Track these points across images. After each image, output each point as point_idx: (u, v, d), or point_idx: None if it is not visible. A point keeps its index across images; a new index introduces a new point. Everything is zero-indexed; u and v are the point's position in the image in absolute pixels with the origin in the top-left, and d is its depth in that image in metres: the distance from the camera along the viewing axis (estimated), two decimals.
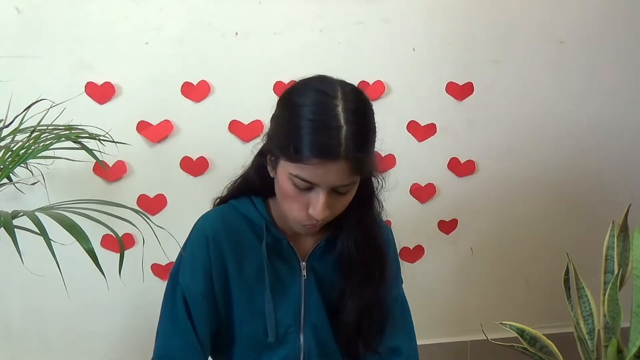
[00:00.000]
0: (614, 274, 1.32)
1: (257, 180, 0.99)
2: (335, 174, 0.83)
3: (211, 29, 1.56)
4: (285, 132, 0.85)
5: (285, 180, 0.86)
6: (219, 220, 1.00)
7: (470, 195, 1.81)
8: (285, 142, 0.84)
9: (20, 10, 1.47)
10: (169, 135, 1.57)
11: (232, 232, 0.99)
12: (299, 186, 0.85)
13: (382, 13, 1.64)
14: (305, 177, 0.83)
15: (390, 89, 1.68)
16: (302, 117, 0.83)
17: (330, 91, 0.85)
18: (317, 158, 0.81)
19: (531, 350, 1.32)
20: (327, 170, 0.82)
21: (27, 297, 1.59)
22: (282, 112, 0.89)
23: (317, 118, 0.82)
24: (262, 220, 0.99)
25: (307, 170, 0.82)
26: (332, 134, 0.81)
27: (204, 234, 0.99)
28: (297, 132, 0.82)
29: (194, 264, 0.98)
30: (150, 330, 1.69)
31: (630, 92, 1.86)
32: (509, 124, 1.79)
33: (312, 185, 0.85)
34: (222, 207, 1.04)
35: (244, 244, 0.99)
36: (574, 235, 1.85)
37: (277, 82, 1.59)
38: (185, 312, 0.98)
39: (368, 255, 0.99)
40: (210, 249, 0.97)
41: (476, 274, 1.85)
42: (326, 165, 0.81)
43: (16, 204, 1.40)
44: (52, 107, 1.25)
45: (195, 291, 0.98)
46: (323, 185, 0.84)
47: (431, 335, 1.80)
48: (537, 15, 1.75)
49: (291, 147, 0.82)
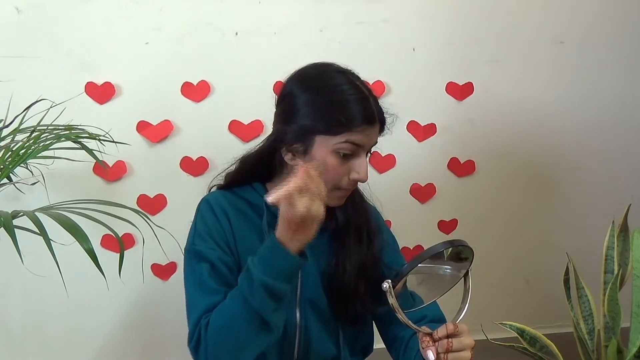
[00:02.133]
0: (614, 274, 1.32)
1: (258, 166, 1.05)
2: (374, 136, 0.99)
3: (211, 29, 1.56)
4: (328, 110, 0.96)
5: (326, 154, 0.96)
6: (221, 197, 1.05)
7: (470, 195, 1.81)
8: (331, 117, 0.95)
9: (20, 10, 1.47)
10: (169, 135, 1.57)
11: (235, 208, 1.03)
12: (346, 152, 0.96)
13: (382, 13, 1.65)
14: (354, 140, 0.95)
15: (390, 89, 1.68)
16: (345, 93, 0.96)
17: (346, 71, 1.01)
18: (365, 124, 0.95)
19: (531, 350, 1.32)
20: (370, 133, 0.97)
21: (27, 297, 1.59)
22: (315, 94, 0.98)
23: (355, 92, 0.96)
24: (262, 201, 1.02)
25: (356, 135, 0.95)
26: (369, 103, 0.97)
27: (210, 206, 1.03)
28: (345, 105, 0.95)
29: (208, 231, 1.00)
30: (151, 330, 1.70)
31: (630, 92, 1.86)
32: (509, 124, 1.79)
33: (356, 150, 0.96)
34: (222, 191, 1.07)
35: (246, 220, 1.03)
36: (574, 235, 1.85)
37: (277, 82, 1.58)
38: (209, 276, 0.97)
39: (358, 218, 1.08)
40: (219, 216, 1.02)
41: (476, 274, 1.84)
42: (370, 129, 0.96)
43: (16, 204, 1.40)
44: (52, 107, 1.25)
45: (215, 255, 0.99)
46: (366, 147, 0.98)
47: None
48: (537, 15, 1.75)
49: (341, 119, 0.94)
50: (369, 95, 0.98)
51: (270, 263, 0.89)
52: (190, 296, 0.99)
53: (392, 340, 1.10)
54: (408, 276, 0.94)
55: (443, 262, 0.96)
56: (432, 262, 0.95)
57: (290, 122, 0.98)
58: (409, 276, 0.94)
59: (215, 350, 0.91)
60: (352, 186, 1.00)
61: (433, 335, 0.90)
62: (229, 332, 0.90)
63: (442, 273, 0.98)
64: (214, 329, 0.91)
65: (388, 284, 0.88)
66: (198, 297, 0.97)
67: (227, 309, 0.91)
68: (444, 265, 0.97)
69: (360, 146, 0.97)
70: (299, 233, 0.87)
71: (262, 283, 0.87)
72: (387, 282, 0.88)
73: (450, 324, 0.89)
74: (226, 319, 0.90)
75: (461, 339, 0.89)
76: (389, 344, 1.11)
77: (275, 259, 0.89)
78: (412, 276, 0.95)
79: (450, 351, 0.87)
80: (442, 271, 0.97)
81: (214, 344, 0.91)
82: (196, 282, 0.98)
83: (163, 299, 1.64)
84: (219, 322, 0.91)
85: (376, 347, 1.13)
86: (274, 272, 0.88)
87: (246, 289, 0.88)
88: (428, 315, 1.06)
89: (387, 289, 0.88)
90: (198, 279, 0.98)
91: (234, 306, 0.90)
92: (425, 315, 1.06)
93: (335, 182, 0.97)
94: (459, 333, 0.89)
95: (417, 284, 1.02)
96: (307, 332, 1.04)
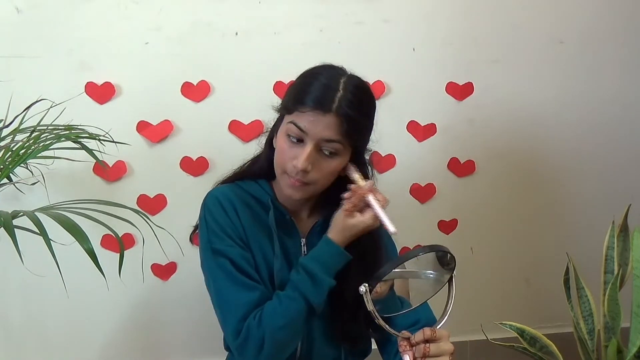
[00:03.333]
0: (614, 274, 1.32)
1: (265, 163, 1.08)
2: (323, 127, 0.95)
3: (211, 29, 1.56)
4: (293, 91, 1.00)
5: (281, 135, 0.99)
6: (228, 190, 1.07)
7: (470, 195, 1.81)
8: (290, 97, 0.99)
9: (20, 10, 1.47)
10: (169, 135, 1.57)
11: (242, 201, 1.05)
12: (292, 135, 0.97)
13: (382, 13, 1.65)
14: (298, 123, 0.96)
15: (390, 89, 1.68)
16: (314, 77, 0.99)
17: (340, 70, 1.01)
18: (313, 106, 0.95)
19: (531, 350, 1.32)
20: (317, 120, 0.95)
21: (27, 297, 1.59)
22: (295, 81, 1.02)
23: (325, 81, 0.97)
24: (267, 197, 1.06)
25: (302, 118, 0.95)
26: (331, 93, 0.96)
27: (217, 200, 1.04)
28: (302, 88, 0.98)
29: (221, 228, 1.02)
30: (151, 330, 1.70)
31: (630, 92, 1.86)
32: (509, 124, 1.79)
33: (302, 136, 0.97)
34: (228, 185, 1.09)
35: (254, 215, 1.05)
36: (574, 235, 1.85)
37: (277, 82, 1.59)
38: (237, 271, 1.00)
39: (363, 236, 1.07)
40: (228, 210, 1.03)
41: (476, 274, 1.85)
42: (318, 115, 0.95)
43: (16, 204, 1.40)
44: (52, 107, 1.25)
45: (234, 252, 1.01)
46: (311, 135, 0.96)
47: None
48: (537, 15, 1.75)
49: (293, 98, 0.97)
50: (341, 90, 0.96)
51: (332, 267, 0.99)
52: (224, 293, 1.00)
53: (384, 343, 1.11)
54: (394, 280, 0.94)
55: (429, 267, 0.95)
56: (417, 267, 0.94)
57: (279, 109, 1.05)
58: (395, 280, 0.94)
59: (274, 347, 0.96)
60: (294, 174, 0.98)
61: (410, 340, 0.89)
62: (290, 331, 0.97)
63: (427, 278, 0.96)
64: (274, 329, 0.96)
65: (365, 287, 0.87)
66: (235, 293, 0.99)
67: (287, 309, 0.97)
68: (428, 270, 0.96)
69: (304, 132, 0.96)
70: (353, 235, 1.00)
71: (330, 285, 0.98)
72: (364, 285, 0.87)
73: (428, 329, 0.89)
74: (287, 319, 0.96)
75: (440, 345, 0.88)
76: (381, 347, 1.12)
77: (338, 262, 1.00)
78: (400, 280, 0.96)
79: (428, 356, 0.87)
80: (427, 276, 0.96)
81: (273, 342, 0.96)
82: (226, 279, 0.99)
83: (163, 299, 1.64)
84: (280, 322, 0.96)
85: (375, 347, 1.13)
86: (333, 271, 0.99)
87: (310, 291, 0.97)
88: (421, 320, 1.06)
89: (364, 292, 0.87)
90: (227, 275, 1.00)
91: (294, 306, 0.97)
92: (419, 319, 1.06)
93: (281, 165, 1.00)
94: (438, 338, 0.89)
95: (406, 288, 1.02)
96: (310, 333, 1.04)
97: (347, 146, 0.98)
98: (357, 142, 1.00)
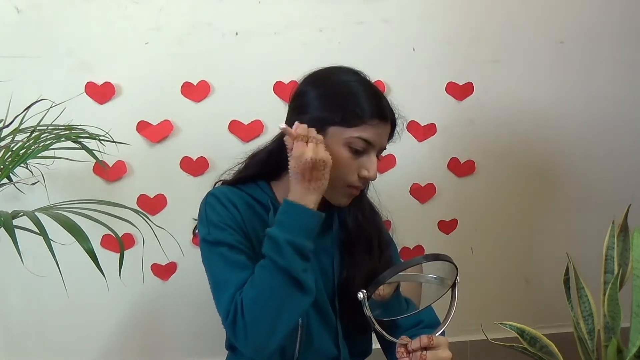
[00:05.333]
0: (614, 274, 1.32)
1: (265, 164, 1.06)
2: (385, 136, 1.00)
3: (211, 29, 1.56)
4: (340, 101, 0.97)
5: (338, 147, 0.97)
6: (228, 191, 1.05)
7: (470, 195, 1.81)
8: (343, 109, 0.96)
9: (20, 10, 1.47)
10: (169, 135, 1.57)
11: (243, 202, 1.04)
12: (357, 148, 0.97)
13: (382, 13, 1.65)
14: (366, 137, 0.96)
15: (390, 89, 1.68)
16: (356, 87, 0.98)
17: (356, 71, 1.03)
18: (377, 119, 0.96)
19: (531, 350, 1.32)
20: (382, 130, 0.98)
21: (27, 297, 1.59)
22: (326, 88, 1.00)
23: (367, 88, 0.99)
24: (267, 198, 1.05)
25: (369, 130, 0.96)
26: (382, 100, 0.99)
27: (217, 199, 1.02)
28: (357, 98, 0.97)
29: (221, 220, 1.00)
30: (150, 330, 1.70)
31: (630, 92, 1.86)
32: (509, 124, 1.79)
33: (367, 148, 0.97)
34: (227, 186, 1.08)
35: (254, 214, 1.03)
36: (574, 235, 1.85)
37: (277, 82, 1.59)
38: (232, 254, 0.97)
39: (368, 228, 1.07)
40: (228, 207, 1.02)
41: (476, 274, 1.85)
42: (382, 125, 0.97)
43: (16, 204, 1.40)
44: (52, 107, 1.25)
45: (233, 239, 0.98)
46: (377, 146, 0.99)
47: None
48: (537, 15, 1.75)
49: (354, 111, 0.95)
50: (381, 94, 1.00)
51: (290, 222, 0.92)
52: (218, 276, 0.98)
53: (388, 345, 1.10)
54: (400, 282, 0.94)
55: (431, 271, 0.95)
56: (420, 271, 0.94)
57: (302, 114, 0.99)
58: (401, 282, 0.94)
59: (253, 323, 0.90)
60: (361, 184, 1.00)
61: (407, 347, 0.89)
62: (264, 302, 0.90)
63: (430, 282, 0.97)
64: (249, 302, 0.90)
65: (363, 294, 0.87)
66: (227, 274, 0.96)
67: (258, 278, 0.92)
68: (431, 274, 0.96)
69: (371, 144, 0.97)
70: (314, 181, 0.92)
71: (287, 241, 0.90)
72: (362, 292, 0.87)
73: (425, 336, 0.89)
74: (258, 289, 0.91)
75: (437, 352, 0.88)
76: (385, 348, 1.11)
77: (294, 216, 0.92)
78: (411, 284, 0.96)
79: None
80: (429, 280, 0.97)
81: (251, 317, 0.90)
82: (221, 262, 0.97)
83: (163, 299, 1.64)
84: (252, 294, 0.91)
85: (375, 347, 1.13)
86: (296, 230, 0.91)
87: (273, 253, 0.90)
88: (424, 321, 1.06)
89: (362, 299, 0.87)
90: (222, 259, 0.97)
91: (263, 273, 0.91)
92: (422, 320, 1.06)
93: (344, 177, 0.98)
94: (436, 346, 0.88)
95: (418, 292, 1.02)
96: (308, 331, 1.04)
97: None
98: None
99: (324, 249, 1.05)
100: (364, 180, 1.00)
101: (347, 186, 1.00)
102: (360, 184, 1.00)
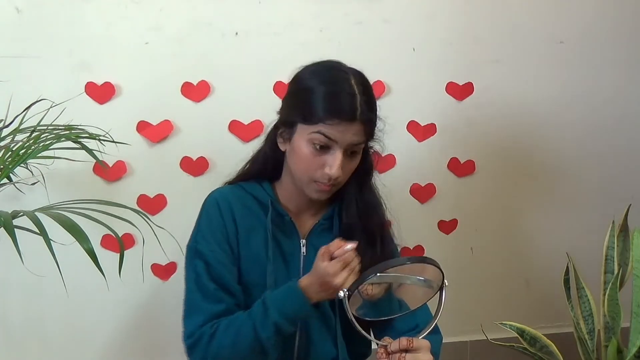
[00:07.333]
0: (614, 274, 1.32)
1: (266, 165, 1.09)
2: (352, 134, 0.98)
3: (211, 29, 1.56)
4: (306, 98, 0.99)
5: (303, 143, 0.99)
6: (228, 192, 1.09)
7: (470, 195, 1.81)
8: (306, 106, 0.98)
9: (20, 10, 1.46)
10: (169, 135, 1.57)
11: (242, 204, 1.07)
12: (319, 144, 0.97)
13: (382, 13, 1.64)
14: (327, 133, 0.96)
15: (390, 89, 1.68)
16: (322, 84, 0.99)
17: (342, 67, 1.03)
18: (336, 118, 0.96)
19: (531, 350, 1.32)
20: (345, 129, 0.96)
21: (27, 297, 1.59)
22: (298, 85, 1.04)
23: (341, 87, 0.98)
24: (268, 198, 1.07)
25: (328, 129, 0.96)
26: (352, 100, 0.97)
27: (215, 201, 1.07)
28: (318, 96, 0.97)
29: (211, 229, 1.04)
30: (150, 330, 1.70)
31: (630, 92, 1.86)
32: (509, 124, 1.79)
33: (329, 144, 0.97)
34: (230, 186, 1.11)
35: (252, 216, 1.06)
36: (574, 235, 1.85)
37: (277, 82, 1.59)
38: (207, 277, 1.02)
39: (369, 220, 1.08)
40: (223, 212, 1.05)
41: (476, 274, 1.85)
42: (345, 125, 0.96)
43: (16, 204, 1.40)
44: (52, 107, 1.25)
45: (213, 256, 1.03)
46: (340, 143, 0.97)
47: None
48: (537, 15, 1.75)
49: (317, 109, 0.97)
50: (357, 93, 0.98)
51: (288, 306, 0.96)
52: (191, 296, 1.04)
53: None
54: (391, 283, 0.94)
55: (422, 274, 0.95)
56: (409, 272, 0.94)
57: (281, 110, 1.06)
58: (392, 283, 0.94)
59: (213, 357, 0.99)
60: (325, 180, 1.00)
61: (387, 348, 0.89)
62: (232, 351, 0.98)
63: (417, 284, 0.96)
64: (219, 345, 0.98)
65: (344, 292, 0.87)
66: (199, 300, 1.02)
67: (236, 330, 0.98)
68: (421, 277, 0.95)
69: (333, 140, 0.97)
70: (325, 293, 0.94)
71: (275, 323, 0.95)
72: (343, 291, 0.88)
73: (405, 338, 0.88)
74: (232, 340, 0.97)
75: (417, 355, 0.88)
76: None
77: (294, 304, 0.96)
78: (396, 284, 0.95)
79: None
80: (416, 282, 0.96)
81: (213, 354, 0.99)
82: (195, 282, 1.03)
83: (163, 299, 1.64)
84: (226, 341, 0.98)
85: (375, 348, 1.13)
86: (289, 316, 0.96)
87: (259, 321, 0.96)
88: (420, 324, 1.06)
89: (343, 297, 0.87)
90: (196, 279, 1.02)
91: (243, 331, 0.97)
92: (418, 323, 1.06)
93: (309, 173, 1.00)
94: (416, 349, 0.88)
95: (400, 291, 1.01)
96: (307, 332, 1.04)
97: (365, 142, 1.04)
98: (372, 135, 1.05)
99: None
100: (327, 177, 0.99)
101: (314, 182, 1.01)
102: (325, 180, 1.00)
